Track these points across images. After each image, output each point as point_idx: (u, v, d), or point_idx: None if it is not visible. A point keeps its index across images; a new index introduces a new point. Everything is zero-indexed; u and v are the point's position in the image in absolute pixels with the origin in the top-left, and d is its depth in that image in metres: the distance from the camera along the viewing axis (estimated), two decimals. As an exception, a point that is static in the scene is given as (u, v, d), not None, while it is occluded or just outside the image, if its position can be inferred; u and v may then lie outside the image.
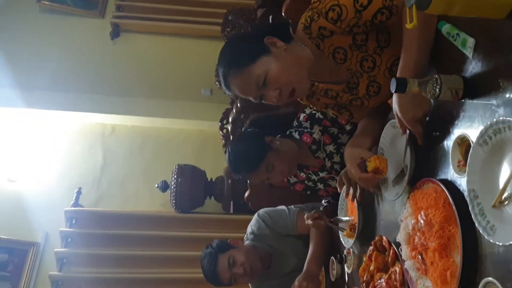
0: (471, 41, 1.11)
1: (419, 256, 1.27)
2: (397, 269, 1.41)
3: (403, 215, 1.36)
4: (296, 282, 2.03)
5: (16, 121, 4.33)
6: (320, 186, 2.14)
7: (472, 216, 1.03)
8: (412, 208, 1.31)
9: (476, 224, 1.01)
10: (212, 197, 4.03)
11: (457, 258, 1.12)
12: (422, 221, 1.23)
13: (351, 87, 1.59)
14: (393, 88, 1.16)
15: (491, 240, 0.97)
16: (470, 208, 1.04)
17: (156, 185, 4.02)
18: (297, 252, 2.30)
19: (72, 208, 3.91)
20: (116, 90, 4.47)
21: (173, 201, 3.90)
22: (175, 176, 3.91)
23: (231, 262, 2.22)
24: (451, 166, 1.16)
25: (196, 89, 4.55)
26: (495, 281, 0.97)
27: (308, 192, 2.24)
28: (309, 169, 2.11)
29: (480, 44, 1.11)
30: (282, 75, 1.43)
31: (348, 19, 1.37)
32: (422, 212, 1.24)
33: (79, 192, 4.03)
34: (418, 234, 1.26)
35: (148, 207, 4.08)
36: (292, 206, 2.35)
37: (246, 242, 2.41)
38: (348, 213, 1.91)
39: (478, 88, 1.11)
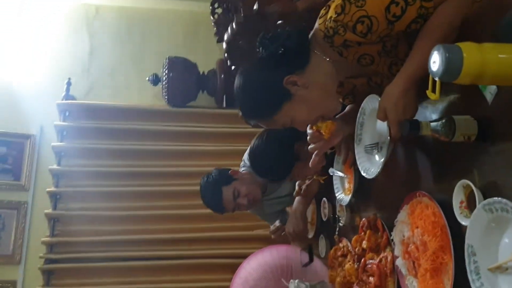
0: (493, 88, 1.05)
1: (412, 263, 1.36)
2: (388, 257, 1.51)
3: (401, 216, 1.40)
4: (286, 229, 2.19)
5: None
6: None
7: (467, 271, 1.08)
8: (409, 217, 1.35)
9: (470, 281, 1.07)
10: (205, 91, 3.99)
11: (447, 285, 1.20)
12: (417, 240, 1.29)
13: (372, 85, 1.50)
14: (405, 131, 1.13)
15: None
16: (466, 262, 1.08)
17: (147, 79, 3.94)
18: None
19: (64, 101, 3.86)
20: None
21: (166, 96, 3.86)
22: (166, 71, 3.81)
23: (236, 194, 2.32)
24: (453, 204, 1.18)
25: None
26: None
27: None
28: None
29: (502, 92, 1.05)
30: (310, 116, 1.44)
31: (379, 31, 1.24)
32: (419, 231, 1.29)
33: (69, 83, 3.94)
34: (412, 246, 1.33)
35: (139, 100, 4.04)
36: None
37: (243, 169, 2.49)
38: (344, 169, 1.95)
39: (492, 134, 1.08)
